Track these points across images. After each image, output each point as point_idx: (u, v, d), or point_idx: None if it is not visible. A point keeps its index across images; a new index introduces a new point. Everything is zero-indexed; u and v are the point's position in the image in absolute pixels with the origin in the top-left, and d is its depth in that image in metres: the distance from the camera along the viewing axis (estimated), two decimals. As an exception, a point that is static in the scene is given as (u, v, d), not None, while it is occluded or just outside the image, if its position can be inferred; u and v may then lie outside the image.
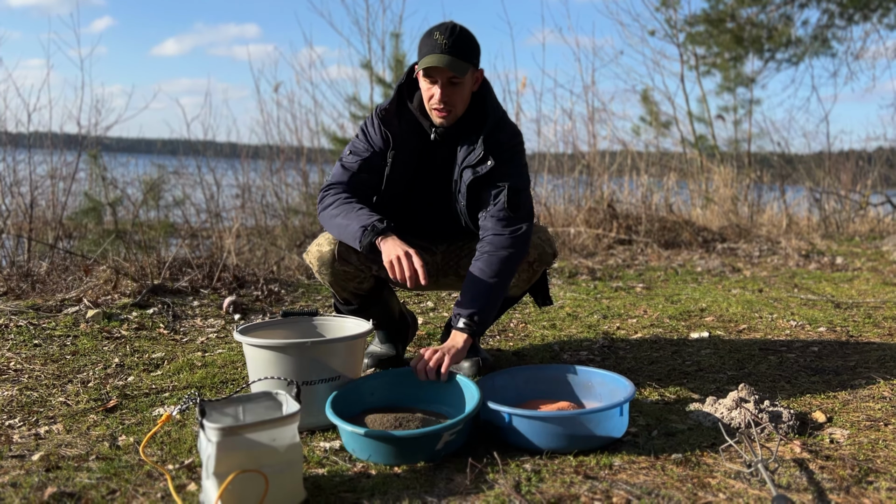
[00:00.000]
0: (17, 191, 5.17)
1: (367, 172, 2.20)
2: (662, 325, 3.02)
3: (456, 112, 2.13)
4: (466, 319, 1.99)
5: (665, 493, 1.47)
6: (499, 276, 2.03)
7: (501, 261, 2.04)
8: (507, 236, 2.08)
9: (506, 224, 2.09)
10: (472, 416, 1.72)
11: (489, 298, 2.02)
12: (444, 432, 1.63)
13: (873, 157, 8.61)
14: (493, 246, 2.06)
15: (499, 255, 2.05)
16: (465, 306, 2.01)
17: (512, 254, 2.06)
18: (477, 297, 2.01)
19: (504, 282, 2.05)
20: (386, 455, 1.63)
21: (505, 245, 2.06)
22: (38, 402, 2.06)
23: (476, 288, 2.03)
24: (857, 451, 1.67)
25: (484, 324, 2.03)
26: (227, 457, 1.37)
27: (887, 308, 3.32)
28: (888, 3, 9.36)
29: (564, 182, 6.53)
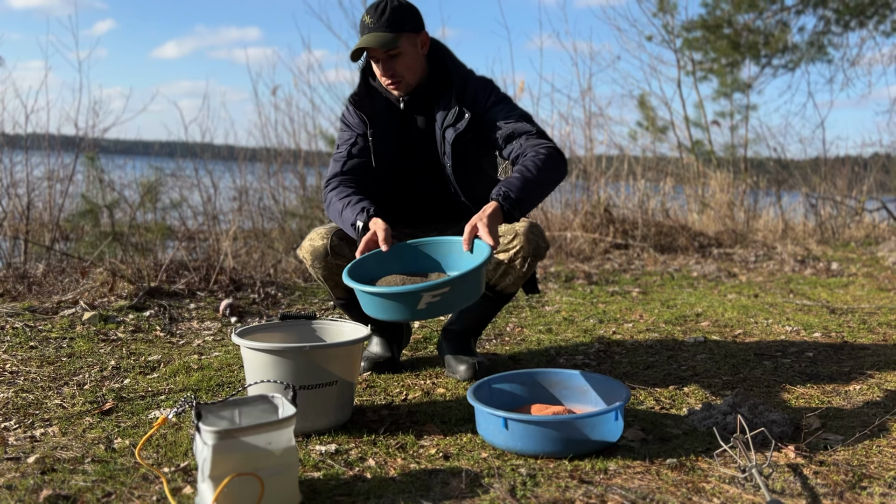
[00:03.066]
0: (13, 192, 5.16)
1: (357, 157, 2.26)
2: (658, 330, 3.03)
3: (408, 81, 2.17)
4: (500, 192, 1.97)
5: (660, 497, 1.48)
6: (539, 171, 2.02)
7: (542, 160, 2.05)
8: (543, 145, 2.09)
9: (537, 138, 2.12)
10: (461, 280, 1.73)
11: (526, 185, 1.99)
12: (423, 292, 1.69)
13: (869, 163, 8.64)
14: (533, 152, 2.08)
15: (539, 157, 2.05)
16: (503, 185, 1.99)
17: (551, 156, 2.07)
18: (515, 181, 1.99)
19: (544, 177, 2.04)
20: (374, 308, 1.78)
21: (544, 152, 2.07)
22: (34, 405, 2.06)
23: (514, 176, 2.02)
24: (851, 457, 1.68)
25: (518, 203, 1.96)
26: (222, 460, 1.38)
27: (882, 314, 3.33)
28: (884, 10, 9.40)
29: (561, 186, 6.54)
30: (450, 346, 2.41)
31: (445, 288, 1.70)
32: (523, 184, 1.99)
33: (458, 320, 2.43)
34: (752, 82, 9.61)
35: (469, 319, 2.41)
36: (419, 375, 2.38)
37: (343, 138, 2.31)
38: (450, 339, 2.42)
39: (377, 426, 1.91)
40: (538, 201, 2.06)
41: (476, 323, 2.42)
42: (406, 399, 2.14)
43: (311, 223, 5.81)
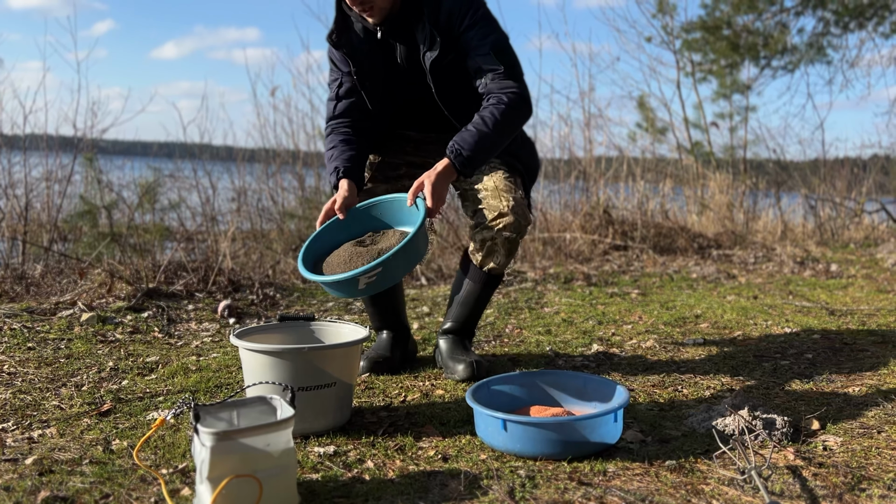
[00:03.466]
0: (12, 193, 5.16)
1: (346, 97, 2.27)
2: (657, 332, 3.02)
3: (380, 5, 2.11)
4: (453, 149, 2.01)
5: (659, 499, 1.48)
6: (495, 126, 2.04)
7: (502, 112, 2.05)
8: (507, 91, 2.08)
9: (503, 79, 2.09)
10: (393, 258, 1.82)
11: (480, 141, 2.02)
12: (359, 276, 1.82)
13: (868, 165, 8.64)
14: (495, 99, 2.07)
15: (499, 107, 2.05)
16: (457, 140, 2.02)
17: (512, 107, 2.07)
18: (469, 138, 2.02)
19: (500, 130, 2.05)
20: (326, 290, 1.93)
21: (505, 101, 2.06)
22: (32, 406, 2.06)
23: (470, 130, 2.03)
24: (850, 459, 1.68)
25: (470, 161, 2.01)
26: (220, 461, 1.37)
27: (881, 315, 3.33)
28: (883, 11, 9.40)
29: (560, 188, 6.53)
30: (446, 348, 2.40)
31: (378, 269, 1.81)
32: (476, 140, 2.01)
33: (451, 316, 2.42)
34: (751, 84, 9.62)
35: (462, 313, 2.40)
36: (418, 377, 2.37)
37: (331, 78, 2.30)
38: (445, 342, 2.42)
39: (376, 428, 1.90)
40: (493, 154, 2.09)
41: (469, 313, 2.41)
42: (405, 401, 2.14)
43: (309, 224, 5.80)
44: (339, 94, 2.27)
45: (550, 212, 5.96)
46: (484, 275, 2.34)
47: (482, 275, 2.34)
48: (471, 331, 2.46)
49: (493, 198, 2.23)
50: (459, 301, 2.40)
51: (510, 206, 2.20)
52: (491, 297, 2.44)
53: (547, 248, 5.22)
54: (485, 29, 2.12)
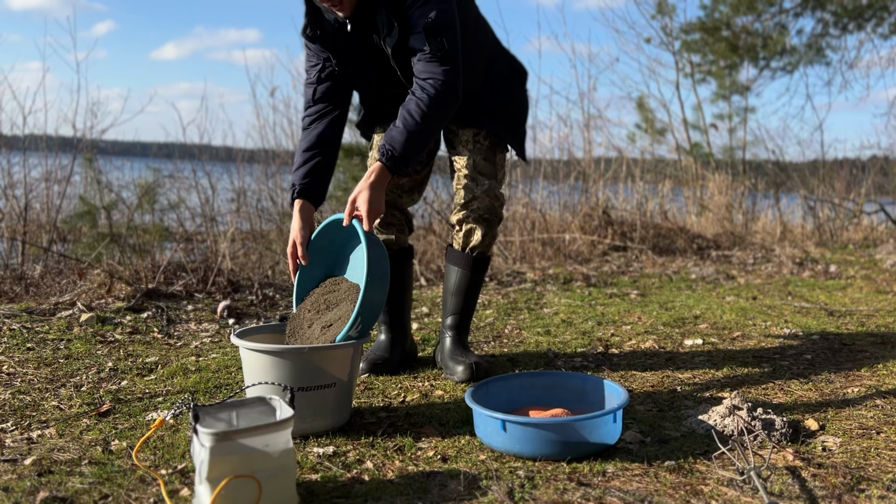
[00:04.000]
0: (11, 193, 5.16)
1: (326, 80, 2.25)
2: (656, 332, 3.02)
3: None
4: (384, 150, 2.01)
5: (658, 500, 1.48)
6: (422, 119, 2.01)
7: (426, 104, 2.02)
8: (431, 78, 2.05)
9: (428, 62, 2.05)
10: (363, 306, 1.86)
11: (409, 138, 2.00)
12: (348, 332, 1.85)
13: (867, 166, 8.65)
14: (419, 88, 2.05)
15: (423, 99, 2.03)
16: (387, 140, 2.02)
17: (438, 96, 2.03)
18: (398, 136, 2.01)
19: (428, 124, 2.02)
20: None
21: (430, 91, 2.03)
22: (31, 406, 2.06)
23: (398, 128, 2.03)
24: (849, 459, 1.68)
25: (404, 160, 2.01)
26: (220, 462, 1.37)
27: (880, 316, 3.33)
28: (882, 12, 9.41)
29: (560, 188, 6.54)
30: (447, 347, 2.41)
31: (357, 321, 1.86)
32: (406, 138, 2.00)
33: (448, 310, 2.44)
34: (750, 84, 9.63)
35: (457, 303, 2.42)
36: (417, 377, 2.37)
37: (309, 63, 2.28)
38: (447, 340, 2.42)
39: (375, 428, 1.90)
40: (428, 144, 2.07)
41: (464, 302, 2.42)
42: (404, 401, 2.14)
43: (309, 225, 5.80)
44: (321, 78, 2.25)
45: (549, 212, 5.96)
46: (467, 258, 2.37)
47: (465, 258, 2.37)
48: (467, 324, 2.47)
49: (470, 179, 2.31)
50: (451, 291, 2.43)
51: (484, 189, 2.30)
52: (481, 284, 2.44)
53: (546, 249, 5.22)
54: (425, 7, 2.07)
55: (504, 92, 2.37)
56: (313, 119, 2.27)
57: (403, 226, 2.44)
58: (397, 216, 2.42)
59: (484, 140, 2.33)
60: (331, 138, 2.25)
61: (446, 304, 2.45)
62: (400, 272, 2.44)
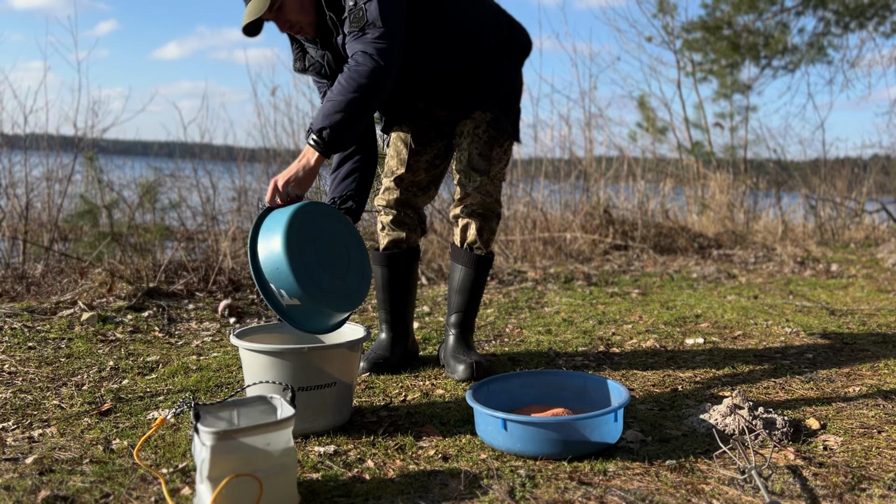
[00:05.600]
0: (12, 192, 5.16)
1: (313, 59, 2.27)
2: (658, 331, 3.02)
3: (306, 21, 2.11)
4: (307, 129, 2.00)
5: (659, 499, 1.48)
6: (333, 93, 1.98)
7: (343, 80, 1.98)
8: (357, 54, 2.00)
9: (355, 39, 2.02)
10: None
11: (329, 114, 1.96)
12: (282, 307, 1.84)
13: (869, 165, 8.64)
14: (346, 66, 2.01)
15: (343, 77, 1.99)
16: (312, 119, 2.01)
17: (356, 73, 1.97)
18: (319, 112, 1.99)
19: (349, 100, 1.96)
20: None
21: (352, 66, 1.99)
22: (32, 405, 2.06)
23: (324, 105, 2.00)
24: (850, 458, 1.68)
25: (326, 137, 1.96)
26: (221, 461, 1.37)
27: (882, 315, 3.33)
28: (884, 11, 9.40)
29: (561, 187, 6.53)
30: (451, 345, 2.41)
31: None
32: (324, 114, 1.96)
33: (452, 307, 2.44)
34: (751, 83, 9.62)
35: (461, 301, 2.42)
36: (418, 376, 2.37)
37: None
38: (451, 337, 2.43)
39: (376, 427, 1.90)
40: (357, 122, 2.00)
41: (468, 300, 2.43)
42: (405, 400, 2.14)
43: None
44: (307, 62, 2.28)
45: (551, 211, 5.96)
46: (468, 254, 2.38)
47: (467, 255, 2.38)
48: (471, 322, 2.46)
49: (463, 175, 2.33)
50: (455, 289, 2.43)
51: (476, 186, 2.32)
52: (484, 283, 2.46)
53: (547, 248, 5.21)
54: None
55: (494, 69, 2.30)
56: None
57: (416, 226, 2.45)
58: (411, 216, 2.43)
59: (483, 134, 2.32)
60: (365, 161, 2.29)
61: (450, 301, 2.46)
62: (404, 271, 2.45)
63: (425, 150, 2.42)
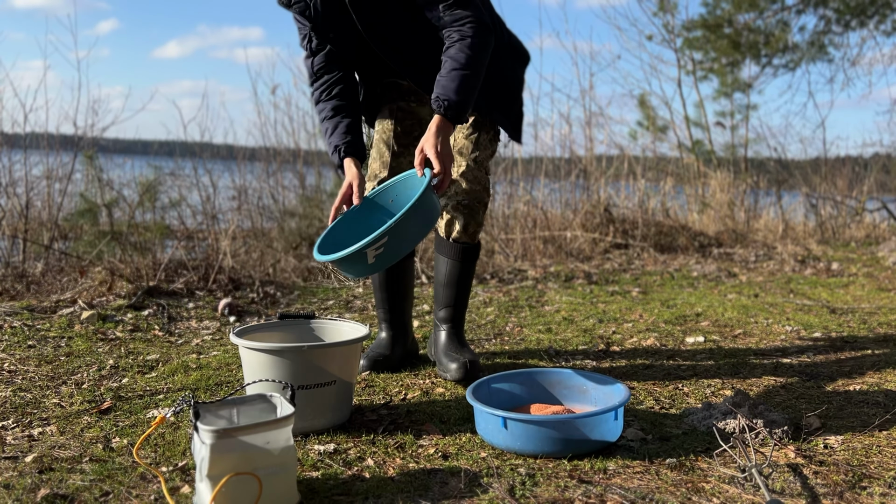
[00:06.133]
0: (12, 191, 5.15)
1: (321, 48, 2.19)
2: (658, 330, 3.02)
3: None
4: (439, 102, 1.96)
5: (659, 497, 1.47)
6: (472, 62, 1.97)
7: (471, 46, 1.97)
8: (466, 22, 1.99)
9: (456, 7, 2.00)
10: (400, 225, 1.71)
11: (463, 84, 1.95)
12: (367, 249, 1.70)
13: (869, 164, 8.64)
14: (458, 35, 2.00)
15: (466, 42, 1.98)
16: (439, 91, 1.97)
17: (479, 37, 1.99)
18: (450, 84, 1.96)
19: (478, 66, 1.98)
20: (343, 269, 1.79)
21: (470, 33, 1.98)
22: (32, 404, 2.06)
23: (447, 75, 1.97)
24: (851, 457, 1.68)
25: (461, 106, 1.96)
26: (220, 459, 1.37)
27: (882, 314, 3.32)
28: (884, 9, 9.39)
29: (561, 186, 6.53)
30: (442, 342, 2.37)
31: (383, 238, 1.71)
32: (459, 84, 1.95)
33: (439, 302, 2.38)
34: (752, 82, 9.61)
35: (448, 294, 2.36)
36: (418, 375, 2.37)
37: (300, 35, 2.22)
38: (442, 334, 2.38)
39: (376, 426, 1.90)
40: (478, 88, 2.03)
41: (456, 294, 2.36)
42: (405, 398, 2.13)
43: (310, 223, 5.81)
44: (313, 49, 2.20)
45: (551, 210, 5.96)
46: (453, 246, 2.30)
47: (451, 247, 2.30)
48: (461, 316, 2.40)
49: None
50: (442, 282, 2.37)
51: (461, 171, 2.22)
52: (472, 274, 2.38)
53: (548, 247, 5.21)
54: None
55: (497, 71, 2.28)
56: (323, 90, 2.22)
57: None
58: None
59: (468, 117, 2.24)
60: (350, 102, 2.21)
61: (438, 295, 2.40)
62: (402, 269, 2.42)
63: (408, 151, 2.35)
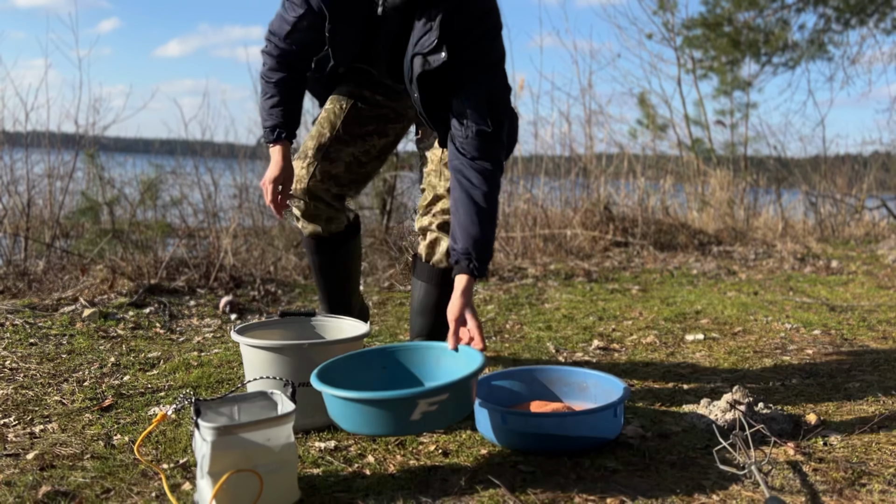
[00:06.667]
0: (14, 190, 5.16)
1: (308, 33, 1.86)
2: (658, 328, 3.03)
3: None
4: (466, 261, 1.74)
5: (659, 494, 1.48)
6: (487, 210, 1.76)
7: (486, 194, 1.75)
8: (486, 167, 1.75)
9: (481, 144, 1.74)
10: (462, 386, 1.51)
11: (485, 234, 1.75)
12: (419, 399, 1.44)
13: (869, 162, 8.64)
14: (478, 178, 1.75)
15: (480, 186, 1.75)
16: (462, 248, 1.75)
17: (493, 188, 1.78)
18: (474, 238, 1.75)
19: (492, 214, 1.78)
20: (351, 420, 1.49)
21: (489, 180, 1.75)
22: (34, 401, 2.06)
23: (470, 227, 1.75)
24: (850, 454, 1.68)
25: (485, 261, 1.77)
26: (221, 456, 1.38)
27: (882, 311, 3.33)
28: (884, 7, 9.39)
29: (561, 184, 6.52)
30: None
31: (444, 395, 1.48)
32: (486, 237, 1.75)
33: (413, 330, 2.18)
34: (752, 80, 9.61)
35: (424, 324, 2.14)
36: (419, 372, 2.37)
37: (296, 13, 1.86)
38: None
39: (376, 423, 1.90)
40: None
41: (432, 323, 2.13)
42: (405, 396, 2.13)
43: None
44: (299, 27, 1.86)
45: (551, 208, 5.96)
46: (433, 270, 2.07)
47: (431, 271, 2.08)
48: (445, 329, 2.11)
49: (434, 175, 2.02)
50: (417, 310, 2.13)
51: (448, 186, 1.97)
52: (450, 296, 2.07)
53: (548, 245, 5.22)
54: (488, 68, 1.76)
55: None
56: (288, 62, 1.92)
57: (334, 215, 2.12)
58: (322, 208, 2.10)
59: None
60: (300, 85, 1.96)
61: (413, 325, 2.16)
62: (336, 254, 2.17)
63: (354, 143, 2.06)
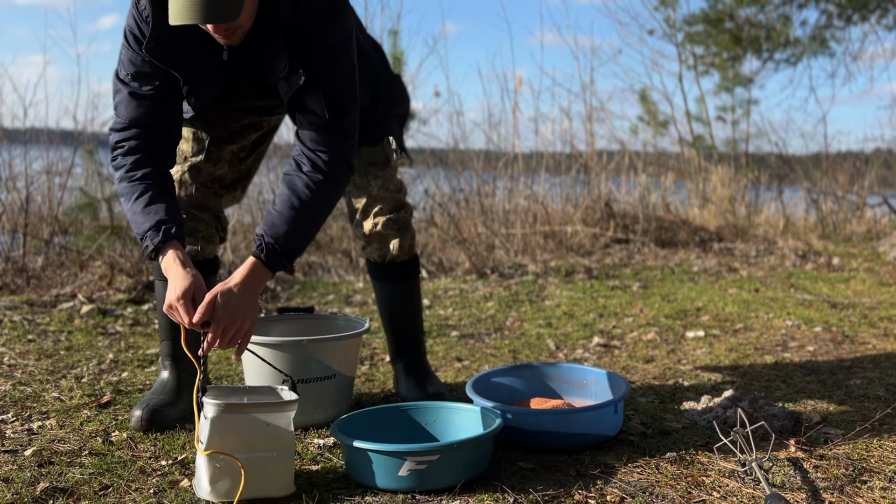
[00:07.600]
0: (12, 186, 5.15)
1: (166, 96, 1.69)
2: (658, 324, 3.02)
3: (244, 27, 1.58)
4: (262, 243, 1.59)
5: (659, 491, 1.47)
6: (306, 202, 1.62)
7: (311, 185, 1.62)
8: (316, 155, 1.64)
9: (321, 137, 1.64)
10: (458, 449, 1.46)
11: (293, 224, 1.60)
12: (407, 456, 1.42)
13: (870, 159, 8.62)
14: (306, 162, 1.64)
15: (309, 177, 1.63)
16: (265, 231, 1.60)
17: (326, 179, 1.64)
18: (276, 221, 1.60)
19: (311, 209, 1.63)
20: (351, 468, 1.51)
21: (316, 164, 1.63)
22: (32, 398, 2.06)
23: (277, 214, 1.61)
24: (851, 451, 1.67)
25: (285, 255, 1.60)
26: (220, 437, 1.39)
27: (883, 308, 3.32)
28: (886, 4, 9.37)
29: (562, 181, 6.51)
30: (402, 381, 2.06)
31: (433, 456, 1.43)
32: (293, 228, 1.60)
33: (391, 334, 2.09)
34: (753, 77, 9.59)
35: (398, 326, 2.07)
36: (418, 369, 2.36)
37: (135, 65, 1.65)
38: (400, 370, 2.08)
39: (376, 419, 1.90)
40: (314, 237, 1.70)
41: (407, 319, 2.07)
42: (405, 392, 2.13)
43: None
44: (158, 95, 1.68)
45: (552, 205, 5.95)
46: (389, 268, 2.01)
47: (388, 269, 2.01)
48: (418, 343, 2.09)
49: (360, 175, 1.93)
50: (387, 311, 2.07)
51: (378, 183, 1.93)
52: (419, 291, 2.09)
53: (548, 242, 5.21)
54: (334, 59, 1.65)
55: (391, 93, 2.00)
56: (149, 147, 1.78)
57: (214, 234, 1.96)
58: (207, 221, 1.92)
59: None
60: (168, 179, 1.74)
61: (386, 329, 2.10)
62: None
63: (232, 139, 1.90)
